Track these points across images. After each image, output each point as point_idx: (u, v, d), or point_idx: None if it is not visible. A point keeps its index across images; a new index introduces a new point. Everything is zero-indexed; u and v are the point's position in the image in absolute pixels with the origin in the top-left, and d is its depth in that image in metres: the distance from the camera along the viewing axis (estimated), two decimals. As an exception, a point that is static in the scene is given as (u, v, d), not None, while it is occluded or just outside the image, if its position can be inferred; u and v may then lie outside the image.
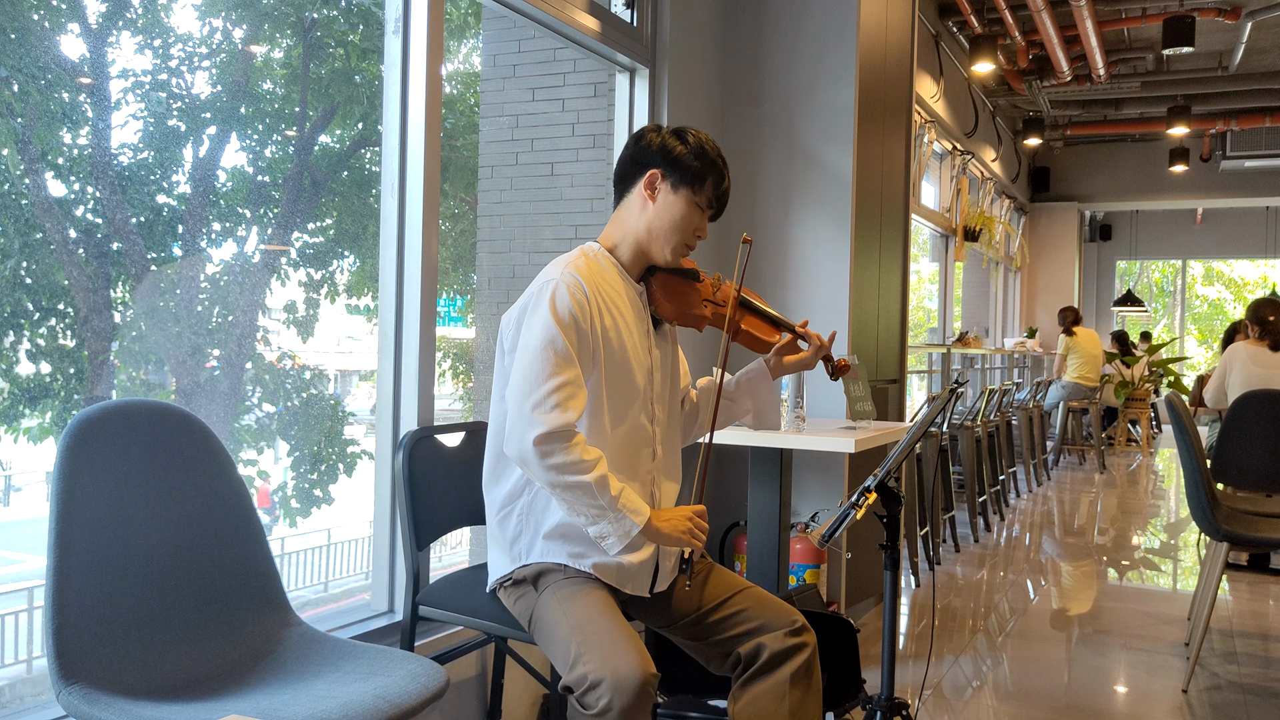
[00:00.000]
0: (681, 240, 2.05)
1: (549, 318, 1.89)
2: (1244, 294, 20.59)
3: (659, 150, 2.04)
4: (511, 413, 1.89)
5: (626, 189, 2.08)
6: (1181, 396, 3.85)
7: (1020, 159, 11.68)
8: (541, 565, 1.98)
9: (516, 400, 1.88)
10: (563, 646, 1.84)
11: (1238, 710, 3.30)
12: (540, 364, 1.87)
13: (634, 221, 2.06)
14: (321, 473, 6.07)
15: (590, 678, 1.74)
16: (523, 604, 2.00)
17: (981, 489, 6.25)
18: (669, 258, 2.07)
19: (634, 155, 2.06)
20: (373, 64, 6.18)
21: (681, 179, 2.03)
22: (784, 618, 2.05)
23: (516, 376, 1.90)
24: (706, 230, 2.10)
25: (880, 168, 4.22)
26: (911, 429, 2.21)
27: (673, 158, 2.03)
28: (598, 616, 1.86)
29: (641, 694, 1.73)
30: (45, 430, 4.39)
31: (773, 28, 3.98)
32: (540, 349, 1.88)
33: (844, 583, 3.92)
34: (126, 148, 4.88)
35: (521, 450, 1.85)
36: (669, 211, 2.03)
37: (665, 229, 2.04)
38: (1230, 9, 7.45)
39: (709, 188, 2.04)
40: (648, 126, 2.10)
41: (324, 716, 1.57)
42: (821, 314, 3.89)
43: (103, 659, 1.64)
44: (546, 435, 1.82)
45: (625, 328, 2.01)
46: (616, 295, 2.03)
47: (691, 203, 2.03)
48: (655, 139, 2.05)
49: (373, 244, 6.30)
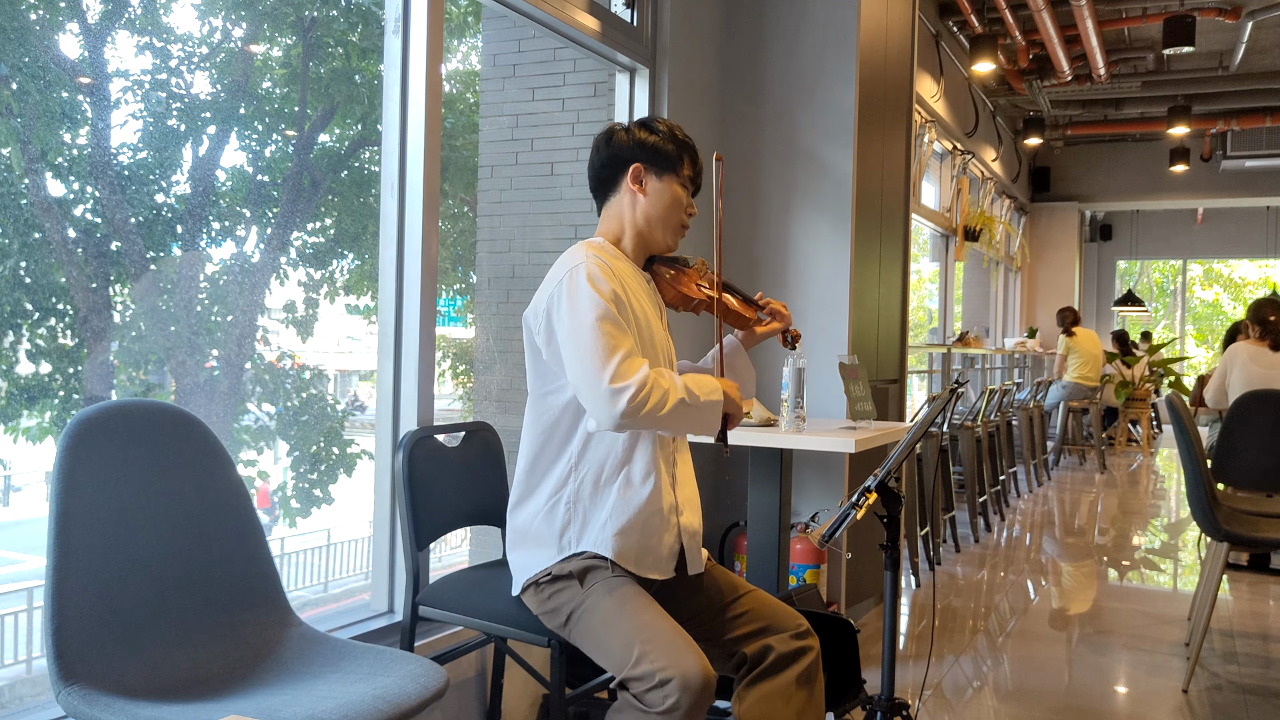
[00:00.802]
0: (677, 222, 2.15)
1: (592, 294, 1.94)
2: (1243, 294, 20.58)
3: (635, 145, 2.12)
4: (588, 396, 1.92)
5: (611, 189, 2.15)
6: (1182, 396, 3.85)
7: (1020, 159, 11.68)
8: (587, 561, 1.99)
9: (587, 381, 1.90)
10: (622, 642, 1.85)
11: (1238, 710, 3.30)
12: (600, 339, 1.90)
13: (629, 215, 2.13)
14: (321, 473, 6.07)
15: (658, 676, 1.76)
16: (560, 599, 2.00)
17: (982, 489, 6.25)
18: (670, 241, 2.17)
19: (610, 156, 2.13)
20: (373, 64, 6.17)
21: (664, 166, 2.12)
22: (790, 621, 2.08)
23: (577, 360, 1.92)
24: (695, 208, 2.19)
25: (880, 168, 4.21)
26: (912, 429, 2.21)
27: (650, 148, 2.11)
28: (658, 617, 1.89)
29: (705, 694, 1.77)
30: (45, 430, 4.39)
31: (773, 28, 3.98)
32: (593, 325, 1.91)
33: (844, 583, 3.92)
34: (126, 147, 4.88)
35: (617, 420, 1.88)
36: (660, 198, 2.12)
37: (662, 215, 2.12)
38: (1230, 9, 7.45)
39: (688, 167, 2.15)
40: (613, 126, 2.18)
41: (324, 716, 1.57)
42: (821, 314, 3.88)
43: (102, 659, 1.64)
44: (634, 395, 1.87)
45: (644, 313, 2.08)
46: (632, 281, 2.09)
47: (677, 185, 2.13)
48: (627, 136, 2.13)
49: (372, 244, 6.30)
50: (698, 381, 1.99)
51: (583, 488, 2.03)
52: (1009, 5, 7.18)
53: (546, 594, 2.02)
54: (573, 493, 2.03)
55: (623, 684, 1.81)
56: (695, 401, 1.95)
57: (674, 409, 1.92)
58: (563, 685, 2.16)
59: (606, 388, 1.88)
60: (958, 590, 4.81)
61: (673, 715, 1.74)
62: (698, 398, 1.96)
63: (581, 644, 1.97)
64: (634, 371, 1.89)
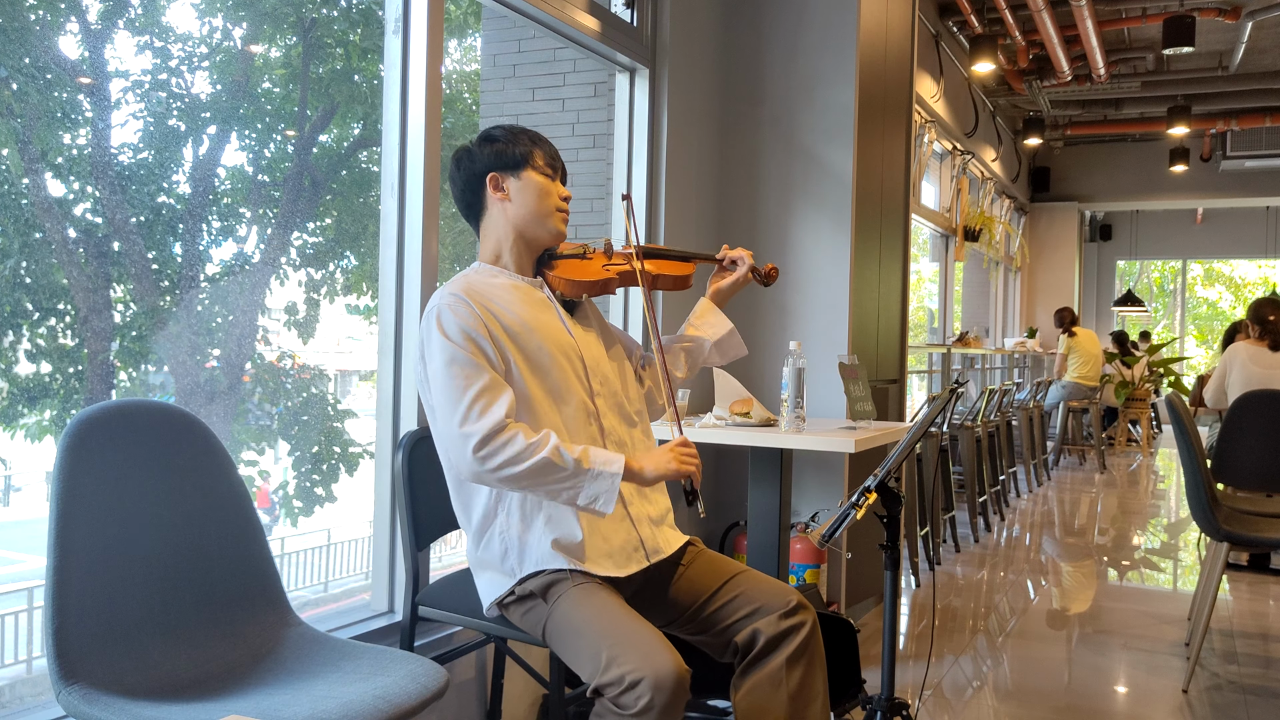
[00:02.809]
0: (551, 207, 2.11)
1: (441, 340, 1.92)
2: (1244, 294, 20.58)
3: (481, 158, 2.11)
4: (445, 442, 1.90)
5: (480, 207, 2.13)
6: (1181, 396, 3.85)
7: (1020, 159, 11.68)
8: (545, 576, 1.96)
9: (445, 426, 1.89)
10: (591, 650, 1.83)
11: (1238, 710, 3.30)
12: (450, 383, 1.88)
13: (504, 225, 2.11)
14: (323, 473, 6.07)
15: (629, 678, 1.73)
16: (533, 617, 1.98)
17: (982, 489, 6.25)
18: (553, 228, 2.12)
19: (466, 178, 2.12)
20: (373, 64, 6.17)
21: (514, 163, 2.09)
22: (779, 598, 2.03)
23: (436, 405, 1.91)
24: (569, 192, 2.16)
25: (880, 168, 4.21)
26: (912, 429, 2.21)
27: (494, 153, 2.10)
28: (623, 618, 1.86)
29: (679, 690, 1.74)
30: (44, 429, 4.39)
31: (773, 28, 3.98)
32: (444, 370, 1.90)
33: (844, 583, 3.92)
34: (126, 147, 4.88)
35: (469, 468, 1.86)
36: (525, 193, 2.09)
37: (532, 210, 2.09)
38: (1230, 9, 7.45)
39: (539, 156, 2.12)
40: (456, 151, 2.17)
41: (324, 716, 1.57)
42: (821, 314, 3.88)
43: (103, 659, 1.64)
44: (482, 441, 1.83)
45: (528, 319, 2.02)
46: (506, 295, 2.05)
47: (535, 174, 2.10)
48: (474, 153, 2.12)
49: (372, 244, 6.30)
50: (595, 452, 1.89)
51: (510, 517, 1.99)
52: (1009, 5, 7.18)
53: (518, 613, 2.01)
54: (503, 524, 2.00)
55: (597, 690, 1.79)
56: (569, 465, 1.84)
57: (536, 466, 1.83)
58: (562, 685, 2.17)
59: (456, 432, 1.85)
60: (958, 590, 4.81)
61: (647, 716, 1.72)
62: (577, 462, 1.85)
63: (560, 655, 1.95)
64: (486, 412, 1.84)
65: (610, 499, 1.88)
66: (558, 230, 2.13)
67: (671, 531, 2.15)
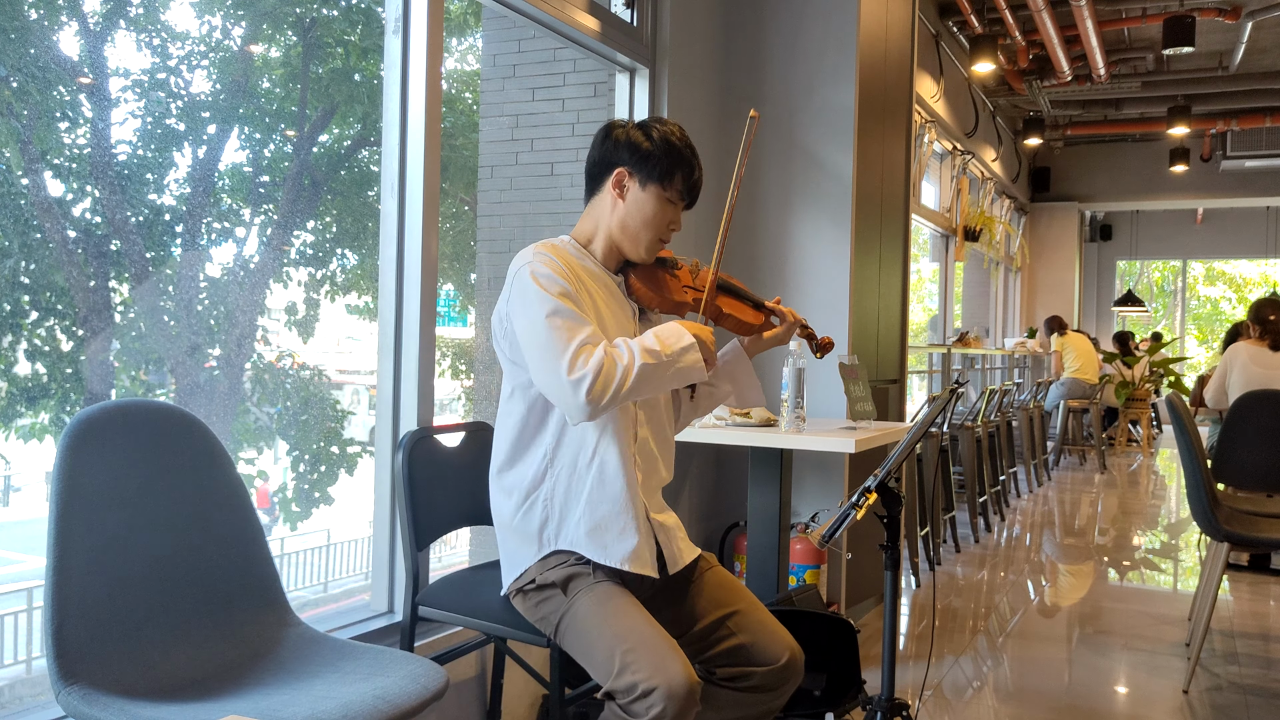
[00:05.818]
0: (655, 236, 2.04)
1: (539, 292, 1.88)
2: (1245, 294, 20.58)
3: (625, 146, 2.02)
4: (554, 395, 1.88)
5: (597, 186, 2.07)
6: (1182, 396, 3.85)
7: (1020, 159, 11.68)
8: (569, 568, 1.96)
9: (549, 380, 1.86)
10: (605, 652, 1.82)
11: (1239, 711, 3.30)
12: (554, 334, 1.85)
13: (606, 219, 2.05)
14: (321, 473, 6.07)
15: (642, 686, 1.73)
16: (547, 608, 1.97)
17: (982, 489, 6.25)
18: (643, 255, 2.06)
19: (603, 155, 2.05)
20: (373, 64, 6.17)
21: (649, 175, 2.00)
22: (777, 650, 2.01)
23: (536, 358, 1.88)
24: (680, 223, 2.08)
25: (880, 168, 4.21)
26: (912, 429, 2.20)
27: (639, 154, 2.00)
28: (640, 624, 1.85)
29: (690, 701, 1.74)
30: (43, 429, 4.38)
31: (773, 28, 3.98)
32: (544, 321, 1.86)
33: (844, 583, 3.91)
34: (126, 147, 4.88)
35: (585, 412, 1.84)
36: (639, 210, 2.02)
37: (637, 227, 2.03)
38: (1230, 9, 7.45)
39: (678, 181, 2.02)
40: (614, 122, 2.08)
41: (324, 716, 1.56)
42: (821, 314, 3.88)
43: (102, 659, 1.64)
44: (592, 383, 1.81)
45: (603, 309, 2.00)
46: (591, 279, 2.02)
47: (661, 198, 2.02)
48: (621, 135, 2.03)
49: (372, 243, 6.30)
50: (660, 334, 1.91)
51: (558, 484, 1.99)
52: (1009, 5, 7.18)
53: (534, 602, 2.00)
54: (549, 490, 1.99)
55: (609, 695, 1.78)
56: (660, 358, 1.87)
57: (640, 376, 1.85)
58: (562, 685, 2.16)
59: (566, 380, 1.82)
60: (958, 590, 4.81)
61: None
62: (661, 354, 1.88)
63: (571, 652, 1.95)
64: (590, 358, 1.83)
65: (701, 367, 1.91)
66: (646, 258, 2.07)
67: (686, 544, 2.14)
